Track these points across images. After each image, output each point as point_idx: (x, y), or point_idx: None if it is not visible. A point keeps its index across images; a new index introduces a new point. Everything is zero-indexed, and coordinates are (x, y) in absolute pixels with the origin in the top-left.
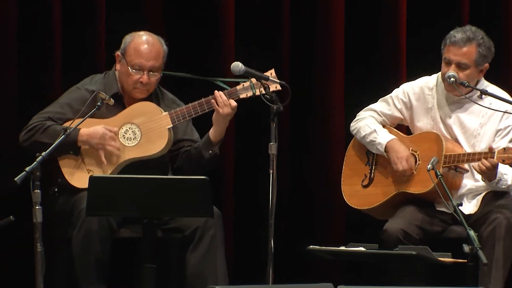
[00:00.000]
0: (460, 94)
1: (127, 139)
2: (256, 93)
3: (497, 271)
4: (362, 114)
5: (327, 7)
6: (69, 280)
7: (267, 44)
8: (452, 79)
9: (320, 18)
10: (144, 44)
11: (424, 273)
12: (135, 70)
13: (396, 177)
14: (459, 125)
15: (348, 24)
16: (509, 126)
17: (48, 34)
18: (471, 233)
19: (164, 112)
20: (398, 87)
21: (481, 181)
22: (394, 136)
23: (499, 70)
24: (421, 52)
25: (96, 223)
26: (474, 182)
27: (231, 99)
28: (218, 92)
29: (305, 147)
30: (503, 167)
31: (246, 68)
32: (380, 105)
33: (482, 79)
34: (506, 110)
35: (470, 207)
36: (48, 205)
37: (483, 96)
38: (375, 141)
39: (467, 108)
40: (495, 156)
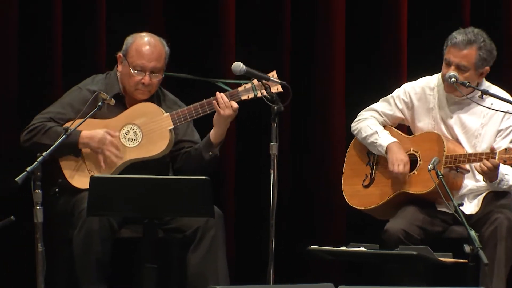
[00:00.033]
0: (461, 95)
1: (128, 139)
2: (258, 95)
3: (499, 272)
4: (364, 114)
5: (327, 7)
6: (70, 280)
7: (268, 44)
8: (453, 79)
9: (320, 18)
10: (146, 45)
11: (425, 273)
12: (136, 71)
13: (397, 177)
14: (460, 125)
15: (348, 24)
16: (510, 126)
17: (48, 34)
18: (472, 233)
19: (165, 113)
20: (399, 87)
21: (482, 181)
22: (395, 139)
23: (500, 71)
24: (422, 52)
25: (97, 223)
26: (475, 182)
27: (232, 101)
28: (219, 94)
29: (305, 147)
30: (504, 168)
31: (247, 68)
32: (381, 105)
33: (483, 80)
34: (507, 110)
35: (471, 207)
36: (49, 205)
37: (484, 96)
38: (376, 142)
39: (468, 108)
40: (497, 157)
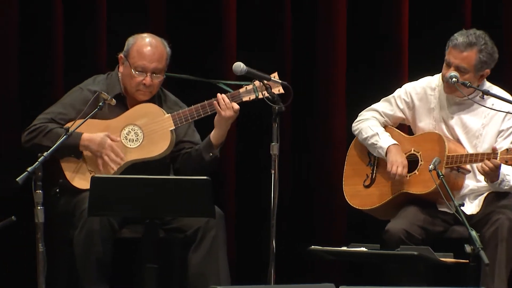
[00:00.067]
0: (461, 95)
1: (129, 140)
2: (259, 96)
3: (500, 272)
4: (364, 115)
5: (328, 7)
6: (70, 280)
7: (269, 45)
8: (454, 79)
9: (321, 18)
10: (147, 46)
11: (426, 273)
12: (138, 72)
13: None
14: (461, 125)
15: (349, 24)
16: (511, 127)
17: (49, 34)
18: (473, 233)
19: (166, 114)
20: (400, 87)
21: (483, 181)
22: (395, 141)
23: (502, 71)
24: (423, 52)
25: (98, 223)
26: (476, 182)
27: (233, 102)
28: (221, 95)
29: (306, 148)
30: (505, 168)
31: (248, 68)
32: (383, 105)
33: (484, 81)
34: (509, 111)
35: (472, 207)
36: (49, 205)
37: (485, 96)
38: (376, 144)
39: (469, 108)
40: (498, 157)
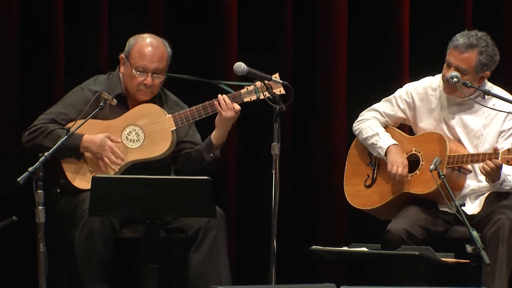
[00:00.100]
0: (462, 95)
1: (130, 140)
2: (260, 97)
3: (501, 273)
4: (365, 115)
5: (329, 7)
6: (71, 280)
7: (270, 45)
8: (455, 79)
9: (322, 18)
10: (148, 46)
11: (427, 273)
12: (139, 72)
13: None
14: (462, 126)
15: (350, 25)
16: None
17: (50, 34)
18: (474, 233)
19: (167, 114)
20: (401, 87)
21: (484, 181)
22: (395, 142)
23: (503, 72)
24: (423, 53)
25: (99, 223)
26: (477, 182)
27: (234, 103)
28: (222, 96)
29: (307, 148)
30: (507, 168)
31: (249, 68)
32: (383, 105)
33: (485, 81)
34: (510, 111)
35: (473, 207)
36: (50, 205)
37: (486, 96)
38: (376, 144)
39: (470, 109)
40: (500, 157)
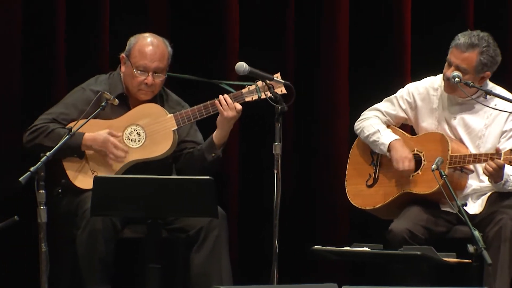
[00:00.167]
0: (463, 95)
1: (131, 140)
2: (262, 96)
3: (502, 273)
4: (367, 114)
5: (331, 7)
6: (73, 280)
7: (271, 45)
8: (457, 79)
9: (324, 18)
10: (149, 45)
11: (429, 273)
12: (139, 72)
13: (401, 177)
14: (464, 126)
15: (352, 24)
16: None
17: (51, 34)
18: (476, 233)
19: (169, 114)
20: (403, 87)
21: (486, 181)
22: (397, 137)
23: (504, 72)
24: (425, 53)
25: (100, 223)
26: (479, 182)
27: (236, 102)
28: (223, 95)
29: (309, 147)
30: (509, 169)
31: (250, 68)
32: (385, 105)
33: (486, 81)
34: None
35: (475, 207)
36: (52, 205)
37: (487, 96)
38: (378, 141)
39: (472, 109)
40: (502, 157)
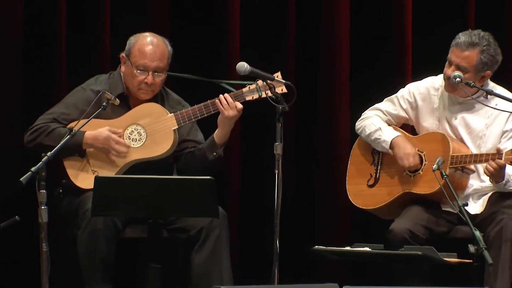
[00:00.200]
0: (464, 95)
1: (132, 140)
2: (262, 95)
3: (503, 273)
4: (368, 113)
5: (332, 7)
6: (74, 280)
7: (272, 45)
8: (457, 79)
9: (325, 18)
10: (149, 45)
11: (430, 273)
12: (139, 71)
13: (402, 177)
14: (464, 126)
15: (353, 25)
16: None
17: (52, 34)
18: (477, 233)
19: (169, 113)
20: (404, 87)
21: (487, 181)
22: (399, 133)
23: (505, 72)
24: (426, 53)
25: (101, 223)
26: (480, 182)
27: (236, 101)
28: (223, 94)
29: (310, 148)
30: (510, 168)
31: (251, 68)
32: (386, 104)
33: (487, 81)
34: None
35: (476, 207)
36: (53, 205)
37: (488, 96)
38: (380, 138)
39: (473, 109)
40: (503, 157)
